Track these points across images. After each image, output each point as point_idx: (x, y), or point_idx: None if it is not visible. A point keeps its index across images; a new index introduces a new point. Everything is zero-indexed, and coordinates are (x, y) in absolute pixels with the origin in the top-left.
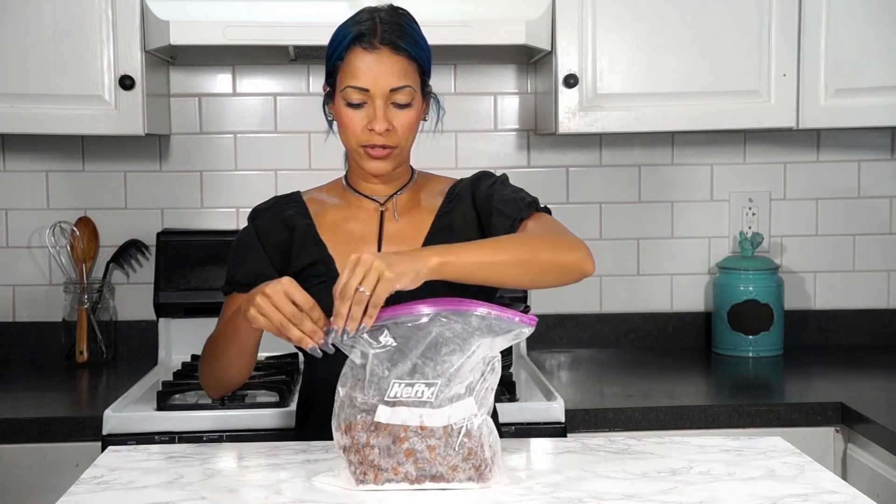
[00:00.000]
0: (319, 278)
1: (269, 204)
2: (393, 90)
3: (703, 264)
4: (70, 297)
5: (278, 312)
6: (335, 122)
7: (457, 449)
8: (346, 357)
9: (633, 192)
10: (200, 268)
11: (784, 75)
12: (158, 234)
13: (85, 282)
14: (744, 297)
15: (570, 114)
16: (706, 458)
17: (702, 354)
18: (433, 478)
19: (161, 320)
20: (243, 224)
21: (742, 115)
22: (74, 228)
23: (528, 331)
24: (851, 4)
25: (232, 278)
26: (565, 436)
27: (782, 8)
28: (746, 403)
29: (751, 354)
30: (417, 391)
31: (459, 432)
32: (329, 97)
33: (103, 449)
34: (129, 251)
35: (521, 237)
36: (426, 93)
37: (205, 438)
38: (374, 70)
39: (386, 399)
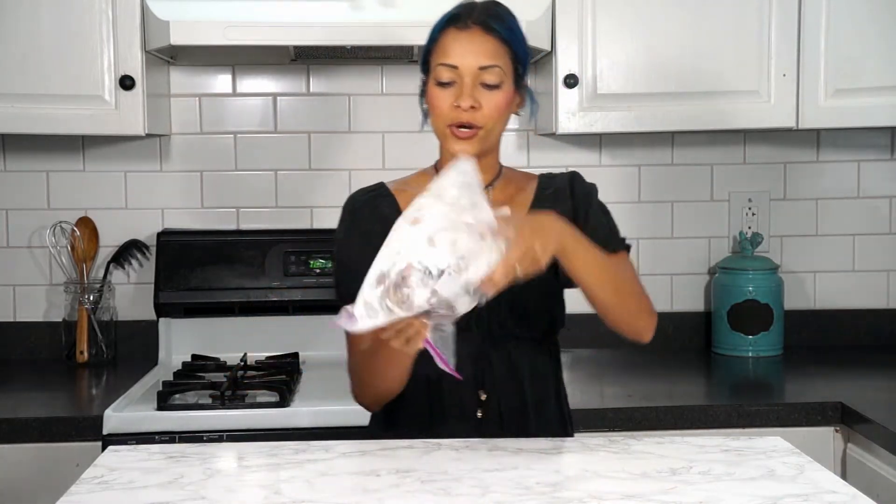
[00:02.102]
0: None
1: (363, 200)
2: (482, 68)
3: (703, 264)
4: (70, 297)
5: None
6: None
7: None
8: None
9: (633, 192)
10: (200, 268)
11: (784, 75)
12: (158, 234)
13: (85, 282)
14: (744, 297)
15: (570, 114)
16: (706, 458)
17: (702, 354)
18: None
19: (161, 320)
20: (244, 224)
21: (742, 115)
22: (74, 228)
23: None
24: (851, 4)
25: (347, 294)
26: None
27: (782, 8)
28: (746, 403)
29: (751, 354)
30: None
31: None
32: (425, 86)
33: (103, 449)
34: (129, 251)
35: (634, 277)
36: (520, 85)
37: (205, 438)
38: (464, 48)
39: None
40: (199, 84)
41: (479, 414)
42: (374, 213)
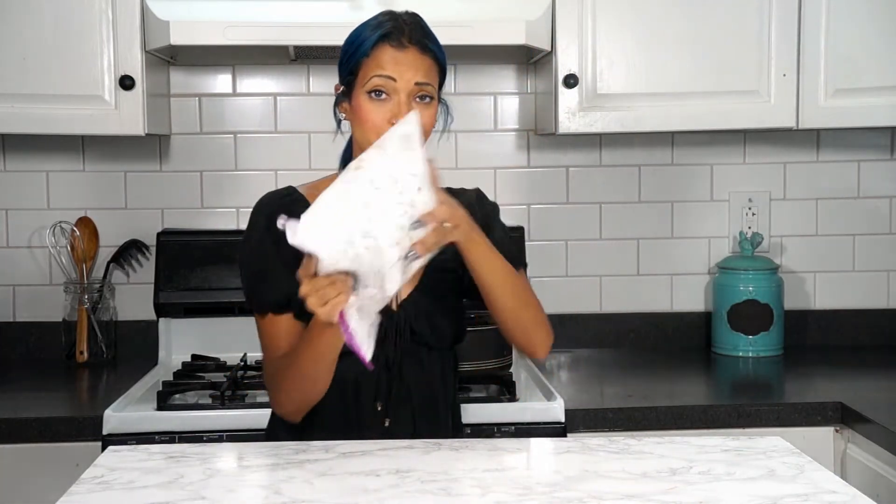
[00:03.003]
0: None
1: (276, 204)
2: (418, 84)
3: (703, 264)
4: (70, 297)
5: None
6: (343, 122)
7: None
8: None
9: (633, 192)
10: (200, 268)
11: (784, 75)
12: (158, 234)
13: (85, 282)
14: (744, 297)
15: (570, 114)
16: (706, 458)
17: (702, 354)
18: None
19: (161, 320)
20: (243, 224)
21: (742, 115)
22: (74, 228)
23: None
24: (851, 4)
25: (264, 301)
26: (565, 436)
27: (782, 8)
28: (746, 403)
29: (751, 354)
30: None
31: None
32: (343, 96)
33: (103, 449)
34: (129, 251)
35: (529, 287)
36: (440, 98)
37: (205, 438)
38: (402, 65)
39: None
40: (199, 84)
41: (387, 422)
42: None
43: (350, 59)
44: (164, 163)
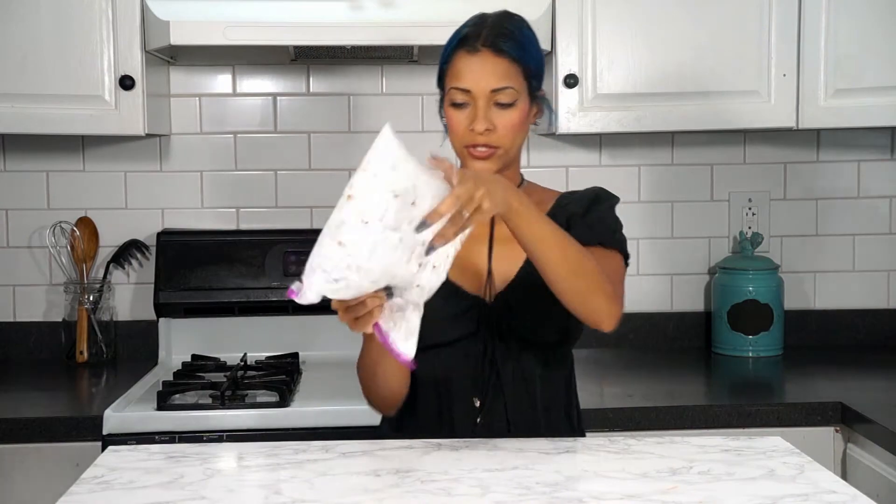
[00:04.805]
0: None
1: None
2: (494, 91)
3: (703, 264)
4: (70, 297)
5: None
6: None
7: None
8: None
9: (633, 192)
10: (200, 268)
11: (784, 75)
12: (158, 234)
13: (85, 282)
14: (744, 297)
15: (570, 114)
16: (706, 458)
17: (702, 354)
18: None
19: (161, 320)
20: (244, 224)
21: (742, 115)
22: (74, 228)
23: None
24: (851, 4)
25: None
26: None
27: (782, 8)
28: (746, 403)
29: (751, 354)
30: None
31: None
32: (442, 102)
33: (103, 449)
34: (129, 251)
35: (586, 254)
36: (535, 96)
37: (205, 438)
38: (476, 72)
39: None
40: (199, 84)
41: (479, 420)
42: None
43: (439, 68)
44: (164, 163)
